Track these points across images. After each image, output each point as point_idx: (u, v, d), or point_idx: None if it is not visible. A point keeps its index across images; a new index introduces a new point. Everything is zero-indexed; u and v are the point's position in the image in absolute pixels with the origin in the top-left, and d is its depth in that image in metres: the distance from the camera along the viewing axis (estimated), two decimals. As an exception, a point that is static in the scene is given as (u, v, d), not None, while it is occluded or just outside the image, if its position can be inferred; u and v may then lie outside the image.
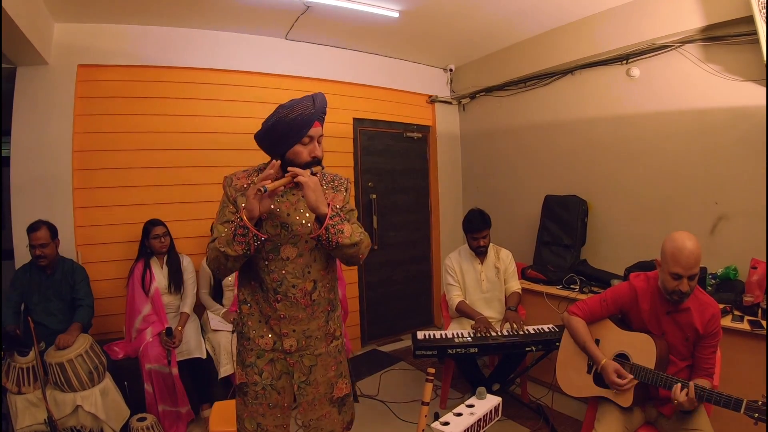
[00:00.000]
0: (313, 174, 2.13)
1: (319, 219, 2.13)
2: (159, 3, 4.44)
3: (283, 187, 2.09)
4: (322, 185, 2.23)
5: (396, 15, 4.89)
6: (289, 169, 2.11)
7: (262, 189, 1.98)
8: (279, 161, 2.15)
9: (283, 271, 2.24)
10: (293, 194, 2.29)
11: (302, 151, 2.19)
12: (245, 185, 2.28)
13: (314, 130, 2.18)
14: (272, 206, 2.17)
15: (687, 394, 2.42)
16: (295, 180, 2.08)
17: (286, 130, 2.15)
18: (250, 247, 2.09)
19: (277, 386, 2.32)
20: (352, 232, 2.15)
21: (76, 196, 4.58)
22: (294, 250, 2.24)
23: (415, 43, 5.90)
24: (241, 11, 4.74)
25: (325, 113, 2.26)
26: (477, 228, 4.39)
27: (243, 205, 2.11)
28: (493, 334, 3.93)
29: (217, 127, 5.18)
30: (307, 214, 2.26)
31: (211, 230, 2.26)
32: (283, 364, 2.32)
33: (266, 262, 2.25)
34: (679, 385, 2.47)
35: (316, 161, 2.21)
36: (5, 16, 3.31)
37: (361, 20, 5.03)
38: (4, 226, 6.91)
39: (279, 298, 2.26)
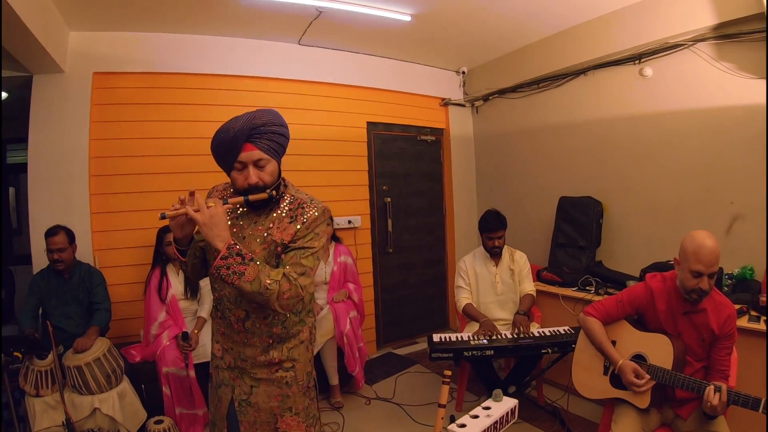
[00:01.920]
0: (248, 202, 2.06)
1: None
2: (172, 11, 4.49)
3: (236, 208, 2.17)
4: (282, 212, 2.16)
5: (408, 18, 4.90)
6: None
7: (160, 215, 1.96)
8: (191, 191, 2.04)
9: (222, 293, 2.21)
10: (241, 220, 2.22)
11: (237, 178, 2.10)
12: (219, 198, 2.27)
13: (245, 155, 2.04)
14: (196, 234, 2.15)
15: (720, 398, 2.40)
16: (187, 216, 1.98)
17: (217, 156, 2.11)
18: (183, 264, 2.24)
19: (218, 392, 2.32)
20: (257, 277, 1.92)
21: (92, 202, 4.63)
22: None
23: (427, 46, 5.91)
24: (254, 17, 4.77)
25: (261, 132, 2.05)
26: (493, 228, 4.39)
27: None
28: (499, 337, 3.94)
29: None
30: (250, 243, 2.15)
31: None
32: (224, 375, 2.29)
33: (212, 280, 2.26)
34: (712, 387, 2.44)
35: (256, 188, 2.07)
36: (21, 25, 3.37)
37: (373, 24, 5.05)
38: (21, 231, 7.01)
39: (219, 315, 2.28)
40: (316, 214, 2.14)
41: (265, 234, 2.14)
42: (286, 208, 2.17)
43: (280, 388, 2.23)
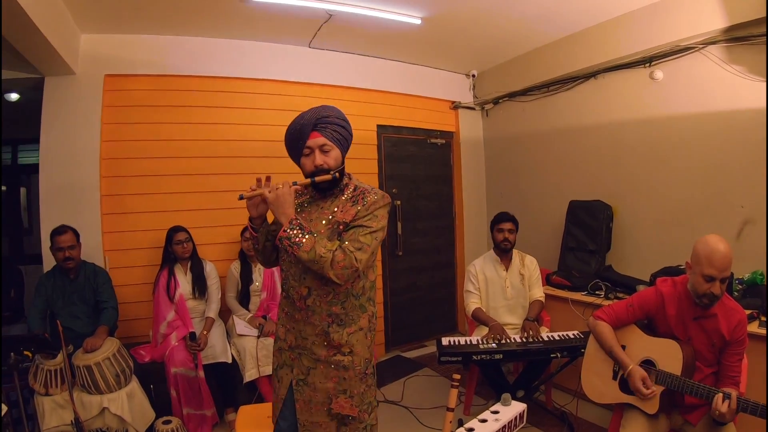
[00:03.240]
0: (314, 183, 2.29)
1: None
2: (183, 14, 4.52)
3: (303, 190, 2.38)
4: (344, 197, 2.36)
5: (418, 22, 4.91)
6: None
7: (239, 196, 2.26)
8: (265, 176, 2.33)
9: (289, 272, 2.38)
10: (307, 207, 2.42)
11: (306, 163, 2.33)
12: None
13: (312, 141, 2.28)
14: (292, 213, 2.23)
15: (729, 405, 2.39)
16: (261, 197, 2.26)
17: (289, 145, 2.36)
18: (254, 241, 2.44)
19: (278, 374, 2.46)
20: (313, 247, 2.11)
21: (103, 203, 4.67)
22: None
23: (437, 49, 5.91)
24: (265, 20, 4.79)
25: (325, 122, 2.30)
26: (503, 218, 4.42)
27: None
28: (508, 341, 3.93)
29: (242, 135, 5.25)
30: (316, 225, 2.33)
31: None
32: (286, 356, 2.42)
33: (282, 262, 2.45)
34: (721, 395, 2.43)
35: (322, 170, 2.28)
36: (33, 27, 3.40)
37: (383, 27, 5.06)
38: (32, 231, 7.06)
39: (284, 295, 2.44)
40: (376, 197, 2.32)
41: (330, 216, 2.33)
42: (350, 194, 2.37)
43: (337, 371, 2.33)
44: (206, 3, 4.34)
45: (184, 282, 4.45)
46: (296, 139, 2.29)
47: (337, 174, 2.31)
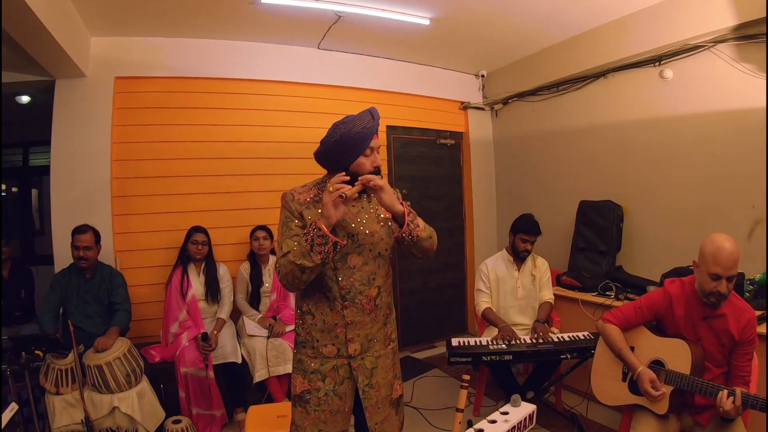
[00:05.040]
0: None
1: (396, 219, 2.29)
2: (193, 16, 4.55)
3: (356, 195, 2.22)
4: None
5: (427, 22, 4.90)
6: (360, 178, 2.18)
7: (343, 195, 2.11)
8: (344, 172, 2.22)
9: (351, 279, 2.31)
10: (353, 206, 2.37)
11: (365, 163, 2.28)
12: (308, 199, 2.35)
13: (374, 142, 2.28)
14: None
15: (734, 402, 2.38)
16: (371, 185, 2.16)
17: (350, 144, 2.24)
18: (328, 256, 2.14)
19: (339, 391, 2.36)
20: (425, 225, 2.32)
21: (114, 204, 4.71)
22: (360, 259, 2.31)
23: (446, 49, 5.91)
24: (274, 22, 4.81)
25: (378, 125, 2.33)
26: (531, 231, 4.38)
27: (319, 213, 2.21)
28: (518, 342, 3.92)
29: (252, 136, 5.27)
30: (371, 224, 2.36)
31: (279, 247, 2.26)
32: (345, 369, 2.36)
33: (335, 272, 2.31)
34: (726, 392, 2.42)
35: (377, 170, 2.29)
36: (44, 30, 3.43)
37: (392, 28, 5.06)
38: (44, 232, 7.11)
39: (347, 305, 2.32)
40: (397, 193, 2.36)
41: (376, 215, 2.40)
42: None
43: (392, 359, 2.50)
44: (215, 5, 4.35)
45: (196, 283, 4.47)
46: (364, 138, 2.24)
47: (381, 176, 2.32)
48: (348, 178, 2.17)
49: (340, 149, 2.24)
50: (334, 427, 2.37)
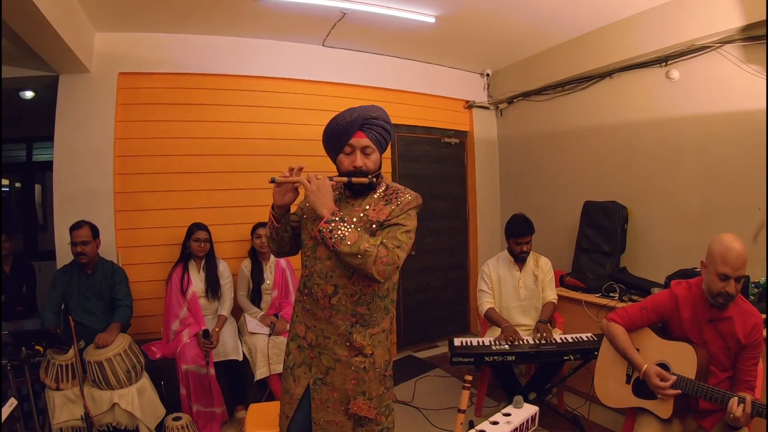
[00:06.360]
0: (350, 183, 2.25)
1: None
2: (197, 12, 4.53)
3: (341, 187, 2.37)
4: (375, 195, 2.33)
5: (432, 20, 4.88)
6: (293, 177, 2.21)
7: (270, 179, 2.17)
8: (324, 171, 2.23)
9: (314, 268, 2.32)
10: (346, 203, 2.36)
11: (343, 161, 2.28)
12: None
13: (355, 140, 2.24)
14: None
15: (744, 410, 2.36)
16: (293, 185, 2.23)
17: (327, 142, 2.31)
18: (273, 230, 2.37)
19: (294, 372, 2.41)
20: (357, 241, 2.05)
21: (117, 200, 4.71)
22: (325, 252, 2.27)
23: (451, 48, 5.89)
24: (279, 19, 4.79)
25: (372, 124, 2.26)
26: (521, 233, 4.34)
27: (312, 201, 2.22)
28: (521, 342, 3.91)
29: (255, 133, 5.26)
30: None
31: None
32: (305, 354, 2.39)
33: (305, 258, 2.38)
34: (736, 399, 2.40)
35: (360, 172, 2.24)
36: (47, 25, 3.43)
37: (397, 26, 5.04)
38: (47, 227, 7.12)
39: (306, 292, 2.38)
40: (410, 198, 2.30)
41: (362, 214, 2.28)
42: (382, 193, 2.35)
43: (357, 372, 2.32)
44: (220, 1, 4.35)
45: (196, 280, 4.46)
46: (340, 135, 2.24)
47: (374, 179, 2.29)
48: (323, 175, 2.18)
49: (324, 145, 2.35)
50: (283, 407, 2.43)
